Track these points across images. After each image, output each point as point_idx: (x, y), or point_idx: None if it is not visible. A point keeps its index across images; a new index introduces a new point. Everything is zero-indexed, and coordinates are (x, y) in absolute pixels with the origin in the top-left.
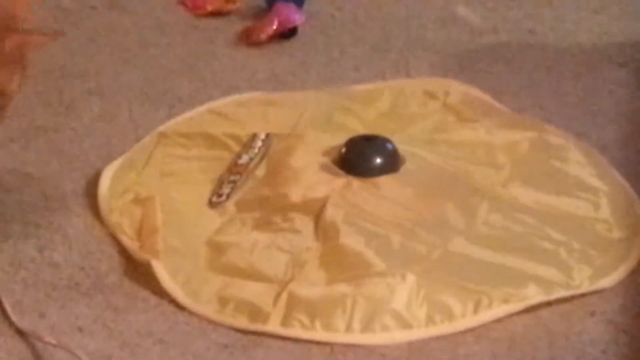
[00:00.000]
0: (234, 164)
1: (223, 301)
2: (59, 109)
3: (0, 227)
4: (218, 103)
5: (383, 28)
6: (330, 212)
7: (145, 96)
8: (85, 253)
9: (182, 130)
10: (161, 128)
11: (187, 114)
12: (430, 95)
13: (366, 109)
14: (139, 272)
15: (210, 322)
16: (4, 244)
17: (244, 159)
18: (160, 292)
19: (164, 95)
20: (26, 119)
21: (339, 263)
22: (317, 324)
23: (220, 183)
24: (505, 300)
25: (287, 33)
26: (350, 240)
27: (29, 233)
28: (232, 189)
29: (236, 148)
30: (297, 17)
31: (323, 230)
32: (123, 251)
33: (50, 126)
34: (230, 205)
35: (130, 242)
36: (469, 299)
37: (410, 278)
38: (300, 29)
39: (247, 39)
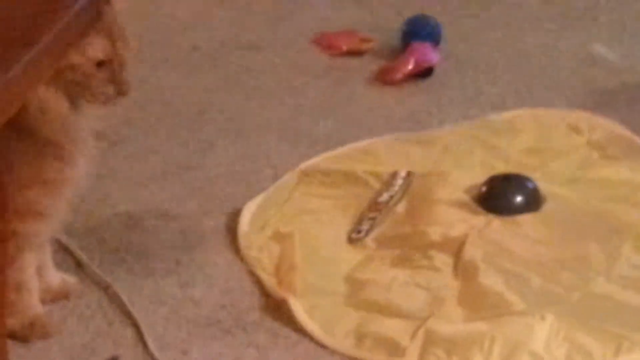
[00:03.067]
0: (374, 202)
1: (361, 336)
2: (197, 148)
3: (141, 264)
4: (359, 143)
5: (520, 67)
6: (470, 251)
7: (283, 135)
8: (225, 290)
9: (323, 168)
10: (302, 166)
11: (328, 153)
12: (575, 129)
13: (508, 143)
14: (279, 309)
15: (349, 358)
16: (145, 281)
17: (385, 196)
18: (300, 329)
19: (302, 134)
20: (164, 158)
21: (478, 301)
22: None
23: (360, 220)
24: None
25: (423, 72)
26: (490, 279)
27: (170, 270)
28: (372, 225)
29: (377, 185)
30: (433, 57)
31: (462, 268)
32: (263, 288)
33: (189, 165)
34: (369, 242)
35: (268, 279)
36: (610, 342)
37: (550, 318)
38: (436, 68)
39: (383, 78)
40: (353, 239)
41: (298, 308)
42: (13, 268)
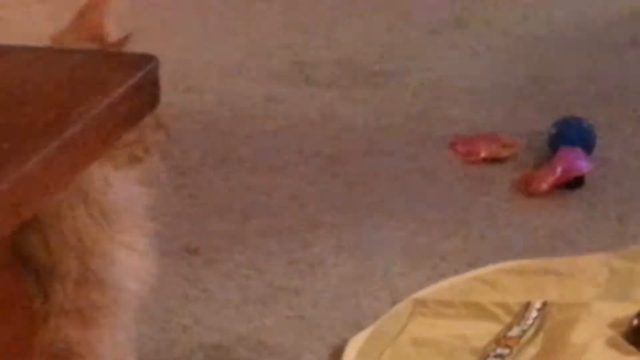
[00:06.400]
0: (503, 336)
1: None
2: (303, 268)
3: None
4: (486, 270)
5: None
6: None
7: (405, 254)
8: None
9: (442, 298)
10: (419, 294)
11: (449, 280)
12: None
13: None
14: None
15: None
16: None
17: (515, 330)
18: None
19: (427, 253)
20: (266, 278)
21: None
22: None
23: (485, 356)
24: None
25: (573, 183)
26: None
27: None
28: None
29: (506, 319)
30: (584, 165)
31: None
32: None
33: (293, 287)
34: None
35: None
36: None
37: None
38: (588, 178)
39: (526, 189)
40: None
41: None
42: None
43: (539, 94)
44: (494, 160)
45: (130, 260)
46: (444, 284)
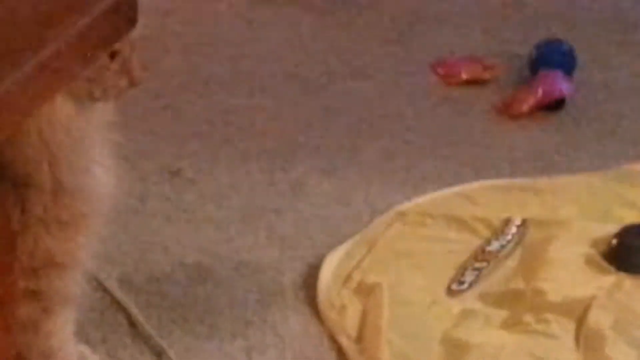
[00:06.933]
0: (482, 250)
1: None
2: (283, 188)
3: (205, 324)
4: (467, 186)
5: None
6: (596, 317)
7: (385, 175)
8: (299, 358)
9: (422, 210)
10: (400, 207)
11: (431, 195)
12: None
13: None
14: None
15: None
16: (207, 344)
17: (494, 245)
18: None
19: (407, 173)
20: (247, 199)
21: None
22: None
23: (463, 270)
24: None
25: (553, 104)
26: (620, 353)
27: (237, 332)
28: (477, 277)
29: (485, 233)
30: (564, 87)
31: (585, 337)
32: (344, 356)
33: (273, 207)
34: (472, 297)
35: (350, 346)
36: None
37: None
38: (568, 100)
39: (506, 110)
40: (453, 291)
41: None
42: (39, 336)
43: (519, 16)
44: (475, 82)
45: (101, 173)
46: (425, 198)
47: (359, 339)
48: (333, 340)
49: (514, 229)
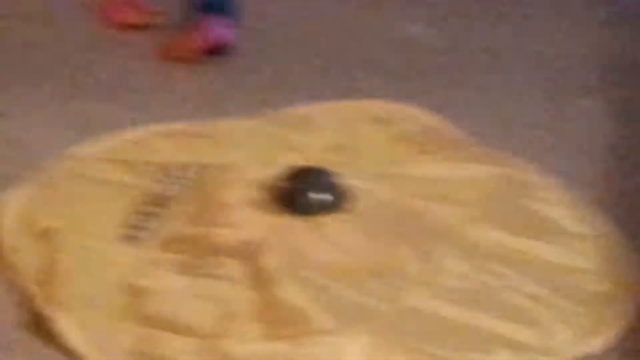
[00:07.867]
0: (156, 195)
1: (141, 357)
2: None
3: None
4: (135, 132)
5: (328, 47)
6: (267, 258)
7: (55, 118)
8: None
9: (98, 156)
10: (72, 151)
11: (104, 141)
12: (384, 122)
13: (308, 139)
14: (43, 325)
15: None
16: None
17: (168, 189)
18: (67, 349)
19: (77, 117)
20: None
21: (276, 317)
22: None
23: (137, 214)
24: None
25: (217, 50)
26: (289, 291)
27: None
28: (152, 222)
29: (158, 177)
30: (226, 32)
31: (257, 278)
32: (24, 300)
33: None
34: (151, 243)
35: (29, 289)
36: None
37: (361, 338)
38: (233, 46)
39: (169, 54)
40: (130, 237)
41: (64, 324)
42: None
43: None
44: (140, 27)
45: None
46: (102, 143)
47: (41, 282)
48: (15, 285)
49: (186, 174)
